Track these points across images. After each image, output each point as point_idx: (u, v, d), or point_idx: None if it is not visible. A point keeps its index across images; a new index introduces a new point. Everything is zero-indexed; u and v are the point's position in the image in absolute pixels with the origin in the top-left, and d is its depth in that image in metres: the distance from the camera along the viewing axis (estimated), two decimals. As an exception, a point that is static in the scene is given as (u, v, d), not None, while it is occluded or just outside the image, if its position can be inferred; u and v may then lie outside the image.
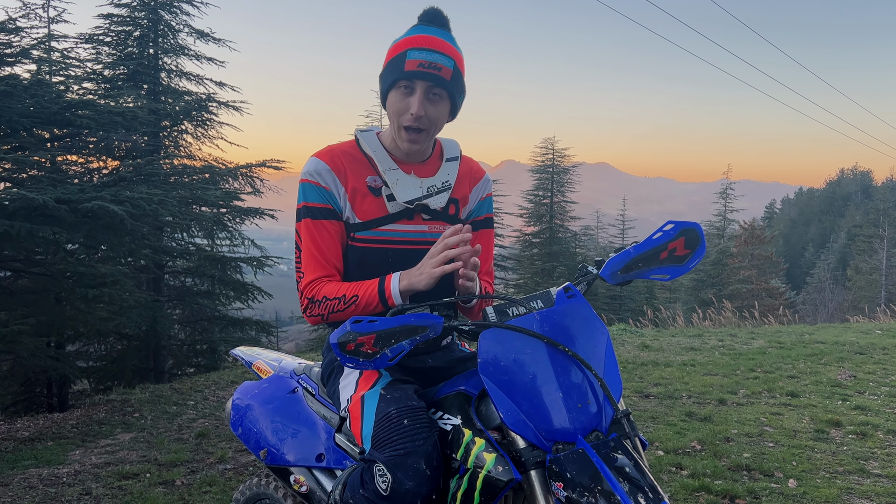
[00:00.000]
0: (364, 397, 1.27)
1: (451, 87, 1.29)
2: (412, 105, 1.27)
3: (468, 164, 1.46)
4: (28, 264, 5.56)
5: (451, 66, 1.27)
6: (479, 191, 1.47)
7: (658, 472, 2.79)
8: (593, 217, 28.97)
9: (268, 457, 1.50)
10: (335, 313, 1.28)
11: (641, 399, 4.19)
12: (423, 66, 1.24)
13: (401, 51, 1.27)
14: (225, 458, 3.17)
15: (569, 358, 1.13)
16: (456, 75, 1.29)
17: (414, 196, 1.34)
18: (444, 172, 1.39)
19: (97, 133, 5.54)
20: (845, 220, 45.04)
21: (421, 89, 1.27)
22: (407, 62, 1.25)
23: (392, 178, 1.34)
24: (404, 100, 1.29)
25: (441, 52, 1.26)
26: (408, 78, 1.26)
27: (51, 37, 6.81)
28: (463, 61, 1.31)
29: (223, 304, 9.01)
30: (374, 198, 1.34)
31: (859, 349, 5.84)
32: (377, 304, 1.26)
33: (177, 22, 9.06)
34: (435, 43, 1.26)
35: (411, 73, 1.25)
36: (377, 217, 1.33)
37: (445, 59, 1.26)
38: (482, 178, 1.48)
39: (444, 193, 1.37)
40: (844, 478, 2.74)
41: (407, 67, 1.25)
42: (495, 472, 1.08)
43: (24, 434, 3.96)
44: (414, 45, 1.26)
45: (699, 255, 1.20)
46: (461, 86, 1.32)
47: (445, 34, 1.29)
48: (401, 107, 1.29)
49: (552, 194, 20.94)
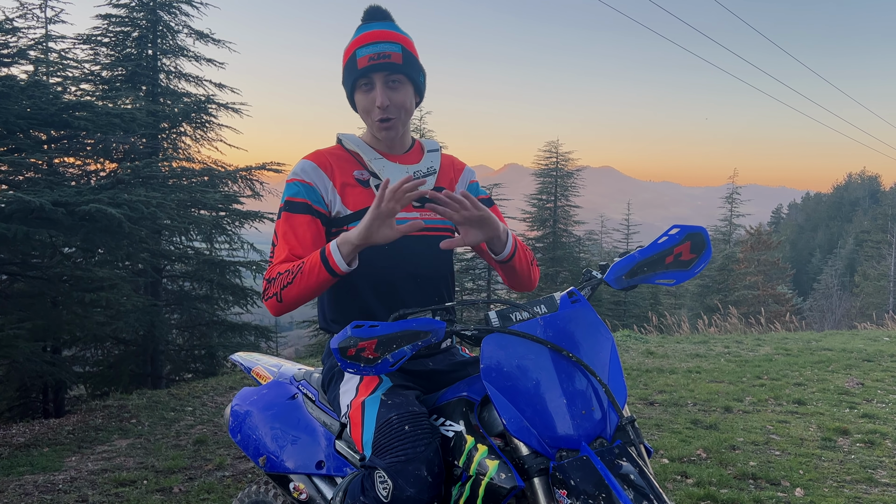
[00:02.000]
0: (365, 403, 1.26)
1: (406, 69, 1.32)
2: (376, 98, 1.32)
3: (448, 159, 1.52)
4: (24, 268, 5.53)
5: (399, 50, 1.31)
6: (462, 181, 1.51)
7: (663, 480, 2.76)
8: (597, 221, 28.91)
9: (267, 464, 1.49)
10: (286, 287, 1.26)
11: (646, 406, 4.16)
12: (373, 58, 1.30)
13: (350, 53, 1.33)
14: (223, 465, 3.14)
15: (573, 364, 1.12)
16: (407, 57, 1.33)
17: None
18: (428, 160, 1.44)
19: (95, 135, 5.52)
20: (853, 226, 44.79)
21: (379, 81, 1.32)
22: (358, 61, 1.31)
23: (378, 167, 1.38)
24: (368, 96, 1.34)
25: (386, 40, 1.31)
26: (364, 74, 1.31)
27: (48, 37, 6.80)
28: (412, 44, 1.36)
29: (222, 309, 8.96)
30: (363, 188, 1.38)
31: (867, 356, 5.79)
32: (320, 266, 1.22)
33: (176, 22, 9.00)
34: (378, 35, 1.32)
35: (365, 68, 1.30)
36: (367, 206, 1.33)
37: (392, 45, 1.31)
38: (463, 169, 1.53)
39: (430, 177, 1.41)
40: (852, 487, 2.71)
41: (360, 66, 1.31)
42: (498, 480, 1.07)
43: (19, 440, 3.93)
44: (360, 43, 1.32)
45: (705, 260, 1.19)
46: (417, 66, 1.36)
47: (387, 24, 1.34)
48: (367, 104, 1.34)
49: (556, 198, 20.77)
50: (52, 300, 5.72)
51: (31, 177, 5.16)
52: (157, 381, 7.84)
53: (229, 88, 9.47)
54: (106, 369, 7.76)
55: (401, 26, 1.38)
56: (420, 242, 1.37)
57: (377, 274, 1.36)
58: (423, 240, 1.37)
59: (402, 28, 1.37)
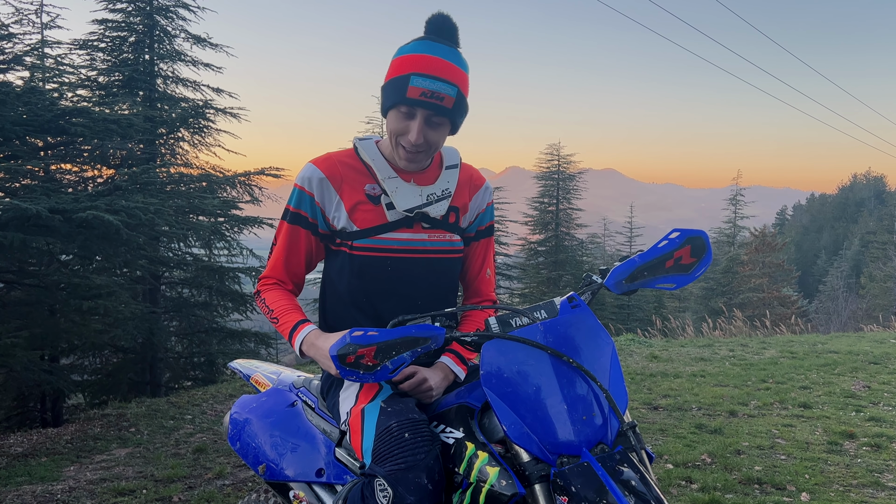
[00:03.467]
0: (364, 410, 1.26)
1: (452, 114, 1.27)
2: (411, 131, 1.26)
3: (468, 172, 1.45)
4: (21, 276, 5.50)
5: (453, 94, 1.24)
6: (479, 199, 1.46)
7: (667, 486, 2.74)
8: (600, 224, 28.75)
9: (267, 472, 1.48)
10: (269, 319, 1.39)
11: (650, 411, 4.13)
12: (426, 94, 1.22)
13: (404, 73, 1.23)
14: (223, 474, 3.12)
15: (573, 369, 1.11)
16: (459, 101, 1.26)
17: (413, 204, 1.33)
18: (444, 180, 1.38)
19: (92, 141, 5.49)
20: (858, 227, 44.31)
21: (421, 116, 1.25)
22: (409, 88, 1.22)
23: (391, 187, 1.33)
24: (404, 122, 1.27)
25: (445, 79, 1.23)
26: (409, 104, 1.24)
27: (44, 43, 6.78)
28: (467, 82, 1.29)
29: (221, 316, 8.92)
30: (373, 206, 1.34)
31: (874, 359, 5.77)
32: (288, 336, 1.33)
33: (173, 27, 8.96)
34: (439, 68, 1.22)
35: (413, 100, 1.23)
36: (376, 225, 1.33)
37: (449, 87, 1.23)
38: (482, 187, 1.47)
39: (444, 202, 1.36)
40: (858, 491, 2.69)
41: (409, 94, 1.23)
42: (499, 487, 1.07)
43: (17, 450, 3.90)
44: (418, 68, 1.22)
45: (705, 264, 1.19)
46: (464, 109, 1.30)
47: (452, 52, 1.25)
48: (400, 128, 1.28)
49: (558, 201, 20.61)
50: (50, 308, 5.70)
51: (28, 184, 5.14)
52: (156, 389, 7.80)
53: (227, 93, 9.44)
54: (104, 378, 7.72)
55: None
56: (422, 265, 1.35)
57: (376, 294, 1.35)
58: (426, 262, 1.35)
59: (462, 55, 1.28)
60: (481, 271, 1.51)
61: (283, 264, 1.39)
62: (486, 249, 1.52)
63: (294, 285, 1.42)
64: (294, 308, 1.36)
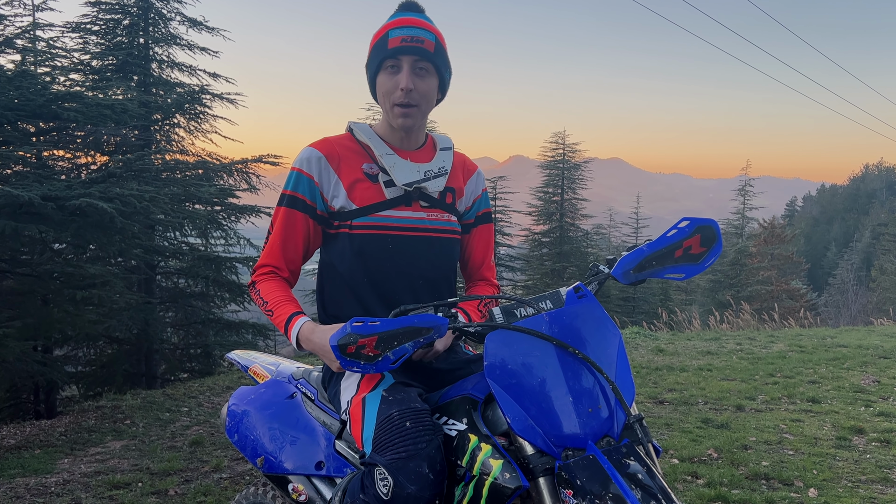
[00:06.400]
0: (365, 399, 1.25)
1: (436, 59, 1.31)
2: (401, 80, 1.30)
3: (460, 158, 1.50)
4: (13, 264, 5.44)
5: (433, 39, 1.31)
6: (473, 185, 1.49)
7: (673, 481, 2.72)
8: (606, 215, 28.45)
9: (265, 465, 1.46)
10: (263, 311, 1.38)
11: (656, 405, 4.11)
12: (406, 40, 1.28)
13: (382, 34, 1.32)
14: (220, 467, 3.09)
15: (579, 361, 1.10)
16: (439, 49, 1.32)
17: (412, 179, 1.36)
18: (440, 159, 1.42)
19: (85, 127, 5.40)
20: (870, 218, 43.86)
21: (407, 64, 1.30)
22: (390, 41, 1.29)
23: (389, 163, 1.35)
24: (392, 78, 1.31)
25: (421, 27, 1.30)
26: (393, 55, 1.29)
27: (36, 26, 6.64)
28: (444, 40, 1.35)
29: (218, 306, 8.87)
30: (371, 184, 1.35)
31: (884, 353, 5.72)
32: (284, 327, 1.31)
33: (168, 10, 8.78)
34: (414, 21, 1.31)
35: (395, 49, 1.29)
36: (375, 203, 1.34)
37: (427, 33, 1.30)
38: (475, 172, 1.51)
39: (441, 178, 1.39)
40: (867, 487, 2.67)
41: (391, 45, 1.29)
42: (502, 480, 1.05)
43: (10, 442, 3.87)
44: (394, 25, 1.31)
45: (715, 254, 1.17)
46: (446, 61, 1.35)
47: (423, 15, 1.34)
48: (390, 86, 1.31)
49: (563, 191, 20.28)
50: (43, 298, 5.64)
51: (20, 170, 5.06)
52: (151, 380, 7.78)
53: (224, 78, 9.29)
54: (99, 369, 7.68)
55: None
56: (421, 243, 1.36)
57: (376, 273, 1.35)
58: (425, 240, 1.36)
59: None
60: (486, 258, 1.54)
61: (280, 250, 1.37)
62: (489, 236, 1.55)
63: (290, 273, 1.41)
64: (288, 300, 1.35)
